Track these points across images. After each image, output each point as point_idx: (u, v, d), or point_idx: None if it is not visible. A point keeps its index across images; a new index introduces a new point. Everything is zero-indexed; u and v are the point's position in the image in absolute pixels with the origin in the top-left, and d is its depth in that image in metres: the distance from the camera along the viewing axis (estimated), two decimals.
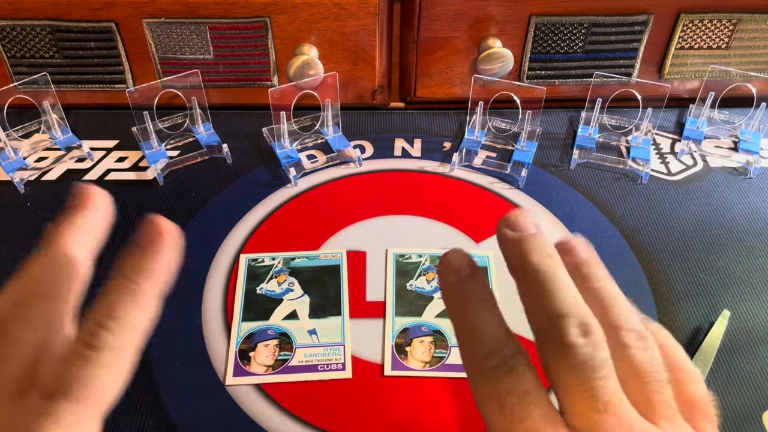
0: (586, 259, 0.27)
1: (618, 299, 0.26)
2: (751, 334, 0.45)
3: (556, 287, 0.25)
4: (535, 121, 0.58)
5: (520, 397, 0.23)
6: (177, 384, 0.42)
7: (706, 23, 0.59)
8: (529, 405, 0.23)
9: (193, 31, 0.57)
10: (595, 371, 0.23)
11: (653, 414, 0.24)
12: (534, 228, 0.26)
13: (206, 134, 0.60)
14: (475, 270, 0.27)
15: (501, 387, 0.24)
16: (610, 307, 0.26)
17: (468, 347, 0.25)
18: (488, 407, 0.24)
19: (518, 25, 0.58)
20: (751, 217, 0.53)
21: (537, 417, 0.23)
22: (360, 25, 0.57)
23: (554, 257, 0.26)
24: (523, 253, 0.26)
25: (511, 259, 0.26)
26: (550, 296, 0.25)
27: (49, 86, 0.58)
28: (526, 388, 0.24)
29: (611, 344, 0.25)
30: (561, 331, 0.24)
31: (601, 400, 0.23)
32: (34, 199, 0.54)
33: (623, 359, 0.25)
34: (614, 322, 0.25)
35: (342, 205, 0.54)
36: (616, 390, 0.24)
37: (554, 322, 0.24)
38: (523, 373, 0.24)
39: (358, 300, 0.47)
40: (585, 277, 0.27)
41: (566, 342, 0.24)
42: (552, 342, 0.24)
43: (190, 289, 0.48)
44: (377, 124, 0.63)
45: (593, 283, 0.26)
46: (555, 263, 0.26)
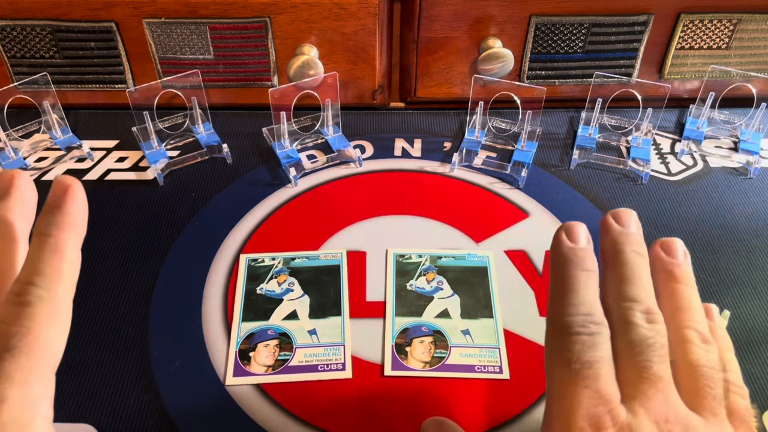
0: (680, 261, 0.30)
1: (693, 304, 0.29)
2: (751, 334, 0.45)
3: (636, 278, 0.28)
4: (535, 121, 0.58)
5: (593, 360, 0.25)
6: (177, 384, 0.42)
7: (706, 23, 0.59)
8: (599, 369, 0.25)
9: (193, 31, 0.57)
10: (652, 349, 0.26)
11: (700, 406, 0.26)
12: (636, 228, 0.30)
13: (206, 134, 0.60)
14: (590, 243, 0.29)
15: (579, 344, 0.26)
16: (684, 308, 0.28)
17: (563, 303, 0.27)
18: (558, 359, 0.26)
19: (518, 25, 0.58)
20: (751, 218, 0.54)
21: (601, 380, 0.25)
22: (360, 25, 0.57)
23: (644, 256, 0.29)
24: (620, 243, 0.29)
25: (607, 246, 0.30)
26: (628, 284, 0.28)
27: (49, 86, 0.58)
28: (601, 354, 0.26)
29: (675, 339, 0.27)
30: (629, 311, 0.27)
31: (653, 373, 0.25)
32: None
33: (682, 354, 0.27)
34: (683, 320, 0.28)
35: (342, 205, 0.54)
36: (668, 372, 0.26)
37: (626, 302, 0.27)
38: (602, 342, 0.26)
39: (358, 300, 0.47)
40: (673, 276, 0.29)
41: (631, 320, 0.26)
42: (619, 319, 0.27)
43: (190, 289, 0.48)
44: (377, 124, 0.63)
45: (678, 284, 0.29)
46: (643, 261, 0.29)
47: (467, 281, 0.48)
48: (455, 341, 0.44)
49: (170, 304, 0.47)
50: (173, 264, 0.49)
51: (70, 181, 0.27)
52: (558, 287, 0.28)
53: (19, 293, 0.24)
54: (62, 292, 0.25)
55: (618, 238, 0.29)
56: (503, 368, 0.43)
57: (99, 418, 0.40)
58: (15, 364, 0.22)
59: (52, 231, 0.25)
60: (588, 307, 0.27)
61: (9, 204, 0.27)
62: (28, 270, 0.25)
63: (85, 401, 0.41)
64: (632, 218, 0.31)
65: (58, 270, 0.25)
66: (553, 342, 0.27)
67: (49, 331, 0.24)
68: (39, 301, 0.24)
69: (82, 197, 0.27)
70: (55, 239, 0.25)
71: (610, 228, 0.30)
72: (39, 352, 0.23)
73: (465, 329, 0.45)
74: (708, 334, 0.28)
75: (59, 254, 0.25)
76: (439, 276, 0.49)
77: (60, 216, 0.26)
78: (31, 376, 0.23)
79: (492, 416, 0.41)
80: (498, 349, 0.44)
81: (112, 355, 0.43)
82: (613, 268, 0.29)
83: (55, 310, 0.24)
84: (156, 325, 0.45)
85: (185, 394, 0.42)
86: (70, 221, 0.26)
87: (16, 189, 0.27)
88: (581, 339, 0.26)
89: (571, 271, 0.28)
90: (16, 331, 0.23)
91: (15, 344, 0.23)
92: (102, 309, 0.46)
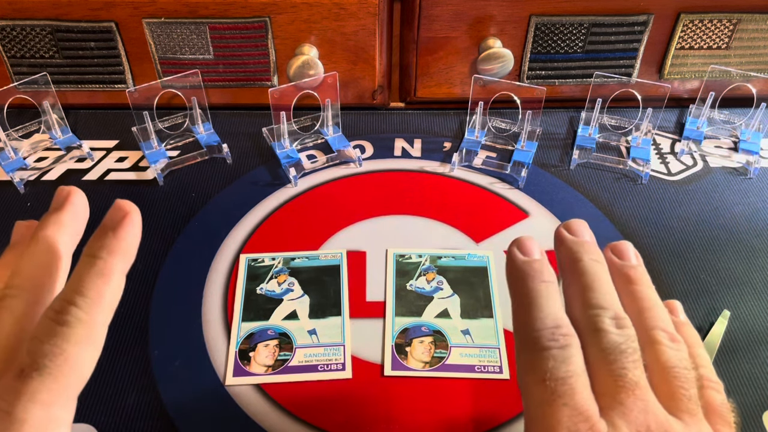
0: (635, 264, 0.30)
1: (655, 303, 0.29)
2: (751, 334, 0.45)
3: (598, 285, 0.28)
4: (535, 121, 0.58)
5: (567, 374, 0.25)
6: (177, 384, 0.42)
7: (706, 23, 0.59)
8: (574, 384, 0.25)
9: (193, 31, 0.57)
10: (625, 355, 0.25)
11: (677, 408, 0.25)
12: (589, 236, 0.30)
13: (206, 134, 0.60)
14: (544, 255, 0.29)
15: (551, 360, 0.25)
16: (647, 309, 0.28)
17: (528, 318, 0.27)
18: (532, 377, 0.25)
19: (518, 25, 0.58)
20: (751, 217, 0.53)
21: (579, 396, 0.24)
22: (360, 25, 0.57)
23: (602, 263, 0.29)
24: (576, 253, 0.29)
25: (563, 257, 0.29)
26: (592, 291, 0.27)
27: (49, 86, 0.58)
28: (574, 368, 0.25)
29: (643, 341, 0.27)
30: (597, 318, 0.26)
31: (629, 380, 0.25)
32: (34, 199, 0.54)
33: (653, 355, 0.27)
34: (648, 322, 0.28)
35: (342, 205, 0.54)
36: (643, 377, 0.25)
37: (593, 311, 0.27)
38: (574, 354, 0.25)
39: (358, 300, 0.47)
40: (630, 279, 0.29)
41: (601, 327, 0.26)
42: (588, 328, 0.26)
43: (190, 289, 0.48)
44: (377, 124, 0.63)
45: (636, 285, 0.29)
46: (602, 267, 0.29)
47: (467, 281, 0.48)
48: (455, 341, 0.44)
49: (170, 304, 0.47)
50: (173, 264, 0.49)
51: (130, 208, 0.27)
52: (520, 303, 0.27)
53: (59, 311, 0.24)
54: (101, 316, 0.24)
55: (573, 247, 0.29)
56: (503, 368, 0.43)
57: (99, 418, 0.40)
58: (42, 384, 0.22)
59: (103, 254, 0.25)
60: (554, 319, 0.26)
61: (59, 218, 0.27)
62: (72, 289, 0.24)
63: (85, 401, 0.41)
64: (585, 228, 0.30)
65: (101, 294, 0.25)
66: (523, 360, 0.26)
67: (81, 355, 0.23)
68: (77, 323, 0.23)
69: (138, 226, 0.27)
70: (104, 263, 0.25)
71: (565, 239, 0.30)
72: (67, 375, 0.23)
73: (465, 329, 0.45)
74: (675, 333, 0.27)
75: (105, 278, 0.25)
76: (439, 276, 0.49)
77: (113, 241, 0.26)
78: (56, 398, 0.22)
79: (492, 416, 0.41)
80: (498, 349, 0.44)
81: (112, 355, 0.43)
82: (574, 278, 0.28)
83: (90, 334, 0.24)
84: (156, 325, 0.45)
85: (185, 394, 0.42)
86: (121, 247, 0.26)
87: (69, 205, 0.27)
88: (552, 354, 0.25)
89: (530, 285, 0.27)
90: (48, 351, 0.23)
91: (45, 364, 0.22)
92: None
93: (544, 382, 0.25)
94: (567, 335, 0.26)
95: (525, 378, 0.26)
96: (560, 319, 0.26)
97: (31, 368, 0.22)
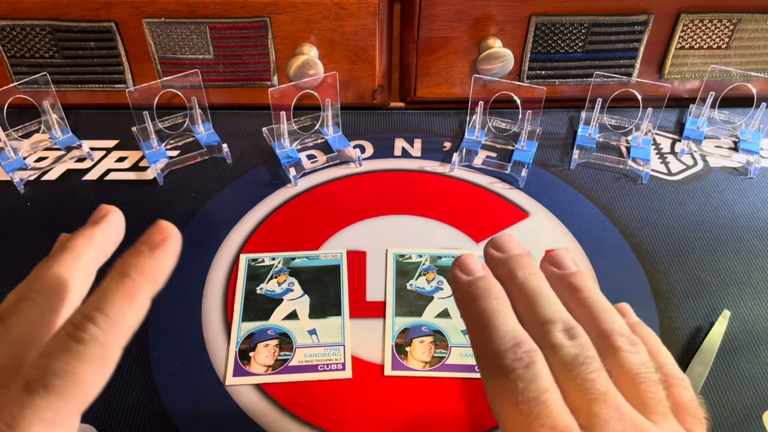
0: (575, 271, 0.29)
1: (606, 308, 0.28)
2: (751, 334, 0.45)
3: (541, 298, 0.27)
4: (535, 121, 0.58)
5: (539, 393, 0.24)
6: (177, 384, 0.42)
7: (706, 23, 0.59)
8: (547, 401, 0.24)
9: (193, 31, 0.57)
10: (585, 365, 0.25)
11: (647, 411, 0.25)
12: (519, 249, 0.29)
13: (206, 134, 0.60)
14: (487, 271, 0.28)
15: (519, 382, 0.24)
16: (598, 315, 0.28)
17: (485, 342, 0.26)
18: (504, 402, 0.25)
19: (518, 25, 0.58)
20: (751, 217, 0.53)
21: (555, 413, 0.24)
22: (360, 25, 0.57)
23: (538, 274, 0.28)
24: (510, 270, 0.28)
25: (500, 277, 0.29)
26: (536, 306, 0.27)
27: (49, 86, 0.58)
28: (544, 384, 0.24)
29: (603, 349, 0.26)
30: (548, 333, 0.26)
31: (597, 391, 0.24)
32: (34, 199, 0.54)
33: (615, 362, 0.26)
34: (604, 328, 0.27)
35: (342, 205, 0.54)
36: (609, 384, 0.25)
37: (542, 326, 0.26)
38: (540, 369, 0.25)
39: (358, 300, 0.47)
40: (575, 287, 0.29)
41: (554, 342, 0.25)
42: (543, 345, 0.26)
43: (190, 289, 0.48)
44: (377, 124, 0.63)
45: (582, 293, 0.28)
46: (539, 279, 0.28)
47: None
48: (455, 341, 0.44)
49: (170, 304, 0.47)
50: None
51: (172, 231, 0.26)
52: (474, 326, 0.27)
53: (77, 326, 0.23)
54: (118, 338, 0.24)
55: (507, 264, 0.29)
56: None
57: (99, 419, 0.40)
58: (48, 402, 0.21)
59: (133, 274, 0.24)
60: (513, 337, 0.25)
61: (92, 233, 0.27)
62: (94, 306, 0.24)
63: None
64: (513, 242, 0.30)
65: (122, 315, 0.24)
66: (491, 385, 0.25)
67: (91, 376, 0.23)
68: (93, 342, 0.23)
69: (176, 252, 0.26)
70: (133, 283, 0.24)
71: (494, 258, 0.29)
72: (74, 394, 0.22)
73: (465, 329, 0.45)
74: (633, 336, 0.27)
75: (130, 299, 0.24)
76: (439, 276, 0.49)
77: (148, 262, 0.25)
78: (60, 418, 0.22)
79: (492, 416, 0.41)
80: None
81: None
82: (517, 296, 0.28)
83: (104, 355, 0.23)
84: (156, 325, 0.45)
85: (185, 394, 0.42)
86: (153, 270, 0.25)
87: (105, 222, 0.27)
88: (518, 374, 0.24)
89: (481, 305, 0.27)
90: (58, 368, 0.22)
91: (53, 381, 0.22)
92: None
93: (517, 405, 0.24)
94: (529, 351, 0.25)
95: (497, 403, 0.25)
96: (519, 335, 0.26)
97: (38, 383, 0.22)
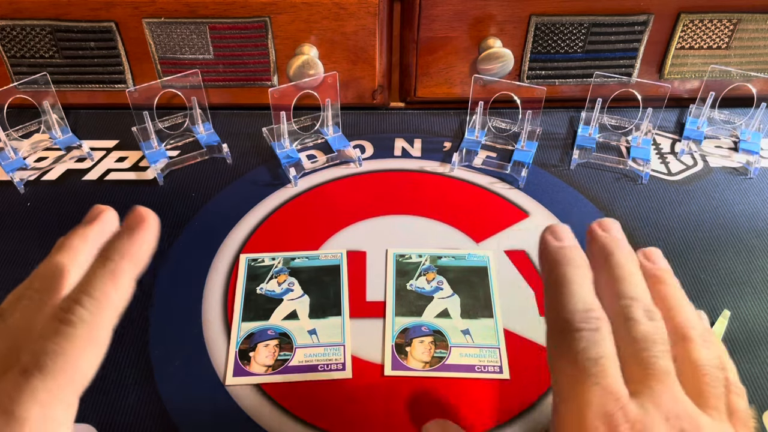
0: (665, 267, 0.31)
1: (686, 304, 0.29)
2: (751, 334, 0.45)
3: (630, 277, 0.28)
4: (535, 121, 0.58)
5: (599, 355, 0.25)
6: (177, 384, 0.42)
7: (706, 23, 0.59)
8: (605, 365, 0.25)
9: (193, 31, 0.57)
10: (655, 345, 0.26)
11: (705, 404, 0.25)
12: (621, 235, 0.31)
13: (206, 134, 0.60)
14: (577, 243, 0.30)
15: (583, 341, 0.25)
16: (678, 307, 0.29)
17: (560, 301, 0.27)
18: (563, 357, 0.26)
19: (518, 25, 0.58)
20: (751, 217, 0.53)
21: (610, 377, 0.25)
22: (360, 25, 0.57)
23: (634, 259, 0.30)
24: (608, 247, 0.30)
25: (596, 251, 0.30)
26: (624, 283, 0.28)
27: (49, 86, 0.58)
28: (606, 350, 0.25)
29: (674, 337, 0.27)
30: (629, 309, 0.27)
31: (660, 369, 0.25)
32: (34, 199, 0.54)
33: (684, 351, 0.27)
34: (681, 319, 0.28)
35: (342, 205, 0.54)
36: (672, 368, 0.26)
37: (625, 301, 0.27)
38: (605, 337, 0.26)
39: (358, 300, 0.47)
40: (661, 280, 0.30)
41: (633, 317, 0.27)
42: (620, 317, 0.27)
43: (190, 289, 0.48)
44: (377, 124, 0.63)
45: (668, 287, 0.30)
46: (634, 262, 0.29)
47: (467, 281, 0.48)
48: (455, 341, 0.44)
49: (170, 304, 0.47)
50: (173, 264, 0.49)
51: (148, 215, 0.28)
52: (553, 288, 0.28)
53: (65, 310, 0.24)
54: (106, 318, 0.25)
55: (607, 242, 0.30)
56: (503, 368, 0.43)
57: (99, 418, 0.40)
58: (43, 383, 0.22)
59: (114, 256, 0.26)
60: (586, 303, 0.27)
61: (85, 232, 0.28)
62: (80, 289, 0.25)
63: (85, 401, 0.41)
64: (617, 226, 0.31)
65: (107, 295, 0.25)
66: (555, 342, 0.27)
67: (82, 355, 0.24)
68: (81, 323, 0.24)
69: (154, 233, 0.28)
70: (115, 265, 0.26)
71: (598, 235, 0.31)
72: (68, 374, 0.23)
73: (465, 329, 0.45)
74: (705, 331, 0.28)
75: (114, 280, 0.25)
76: (439, 276, 0.49)
77: (127, 244, 0.26)
78: (55, 399, 0.23)
79: (492, 416, 0.41)
80: (498, 349, 0.44)
81: (112, 355, 0.43)
82: (606, 270, 0.29)
83: (94, 335, 0.24)
84: (156, 325, 0.45)
85: (185, 394, 0.42)
86: (134, 251, 0.27)
87: (99, 221, 0.29)
88: (584, 335, 0.25)
89: (563, 270, 0.28)
90: (50, 350, 0.23)
91: (47, 363, 0.23)
92: None
93: (576, 362, 0.25)
94: (599, 318, 0.26)
95: (556, 358, 0.26)
96: (592, 302, 0.27)
97: (33, 367, 0.23)
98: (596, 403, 0.24)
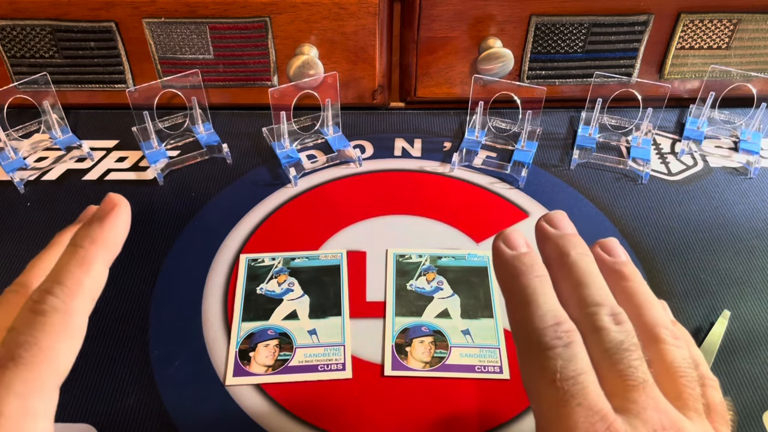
0: (625, 260, 0.29)
1: (652, 300, 0.28)
2: (751, 334, 0.45)
3: (590, 280, 0.27)
4: (535, 121, 0.58)
5: (577, 373, 0.24)
6: (177, 384, 0.42)
7: (706, 23, 0.59)
8: (584, 382, 0.24)
9: (193, 31, 0.57)
10: (629, 353, 0.25)
11: (684, 407, 0.25)
12: (572, 229, 0.29)
13: (206, 134, 0.60)
14: (531, 247, 0.28)
15: (558, 360, 0.24)
16: (644, 305, 0.27)
17: (525, 319, 0.26)
18: (540, 379, 0.24)
19: (518, 25, 0.58)
20: (751, 217, 0.53)
21: (591, 394, 0.24)
22: (360, 25, 0.57)
23: (590, 256, 0.28)
24: (562, 247, 0.28)
25: (550, 252, 0.28)
26: (585, 287, 0.26)
27: (49, 86, 0.58)
28: (583, 365, 0.24)
29: (645, 339, 0.26)
30: (595, 317, 0.25)
31: (638, 378, 0.24)
32: (34, 199, 0.54)
33: (657, 354, 0.26)
34: (649, 319, 0.27)
35: (342, 205, 0.54)
36: (649, 374, 0.25)
37: (589, 309, 0.26)
38: (579, 350, 0.25)
39: (358, 300, 0.47)
40: (624, 275, 0.28)
41: (600, 326, 0.25)
42: (587, 328, 0.25)
43: (190, 289, 0.48)
44: (377, 124, 0.63)
45: (631, 282, 0.28)
46: (590, 261, 0.28)
47: (467, 281, 0.48)
48: (455, 341, 0.44)
49: (170, 304, 0.47)
50: (173, 264, 0.49)
51: (119, 201, 0.27)
52: (515, 302, 0.27)
53: (36, 300, 0.24)
54: (79, 305, 0.24)
55: (559, 242, 0.28)
56: (503, 368, 0.43)
57: (99, 418, 0.40)
58: (17, 375, 0.22)
59: (85, 243, 0.26)
60: (554, 316, 0.25)
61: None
62: (51, 278, 0.25)
63: (85, 401, 0.41)
64: (566, 220, 0.29)
65: (79, 283, 0.25)
66: (528, 361, 0.25)
67: (57, 345, 0.23)
68: (53, 312, 0.23)
69: (125, 218, 0.27)
70: (86, 252, 0.25)
71: (548, 233, 0.29)
72: (44, 365, 0.23)
73: (465, 329, 0.45)
74: (675, 330, 0.27)
75: (85, 267, 0.25)
76: (439, 276, 0.49)
77: (98, 231, 0.26)
78: (33, 390, 0.22)
79: (492, 416, 0.41)
80: (498, 349, 0.44)
81: (112, 355, 0.43)
82: (564, 274, 0.27)
83: (67, 324, 0.24)
84: (156, 325, 0.45)
85: (185, 394, 0.42)
86: (105, 237, 0.26)
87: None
88: (558, 353, 0.24)
89: (523, 281, 0.26)
90: (24, 341, 0.22)
91: (21, 354, 0.22)
92: (102, 309, 0.46)
93: (554, 383, 0.24)
94: (569, 331, 0.25)
95: (533, 380, 0.25)
96: (560, 315, 0.25)
97: (6, 359, 0.22)
98: (582, 425, 0.23)
